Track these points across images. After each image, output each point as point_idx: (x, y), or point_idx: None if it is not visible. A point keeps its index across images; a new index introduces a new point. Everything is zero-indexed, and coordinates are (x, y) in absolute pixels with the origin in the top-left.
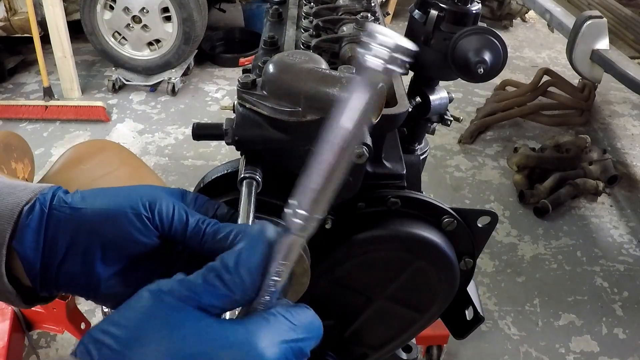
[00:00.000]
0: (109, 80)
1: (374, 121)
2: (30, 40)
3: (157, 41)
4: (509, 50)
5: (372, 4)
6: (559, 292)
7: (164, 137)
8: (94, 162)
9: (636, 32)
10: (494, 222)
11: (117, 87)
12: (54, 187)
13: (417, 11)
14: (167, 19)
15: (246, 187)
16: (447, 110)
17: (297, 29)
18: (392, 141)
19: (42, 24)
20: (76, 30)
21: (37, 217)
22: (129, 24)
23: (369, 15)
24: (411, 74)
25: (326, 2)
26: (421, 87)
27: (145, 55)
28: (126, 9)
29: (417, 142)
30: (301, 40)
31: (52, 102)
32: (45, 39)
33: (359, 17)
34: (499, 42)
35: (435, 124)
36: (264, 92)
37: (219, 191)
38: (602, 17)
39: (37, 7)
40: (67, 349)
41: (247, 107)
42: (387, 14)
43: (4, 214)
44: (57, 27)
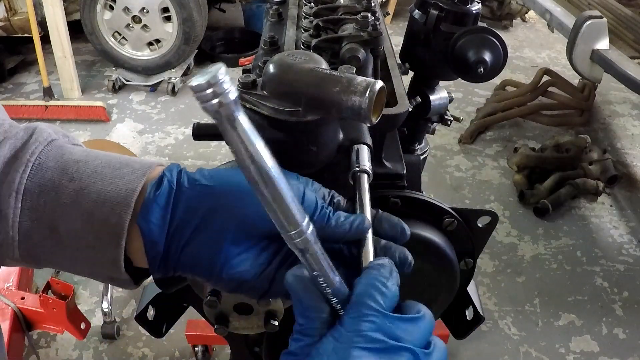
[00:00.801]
0: (109, 80)
1: (374, 121)
2: (30, 40)
3: (157, 41)
4: (509, 50)
5: (372, 4)
6: (559, 292)
7: (164, 137)
8: None
9: (636, 32)
10: (494, 222)
11: (117, 87)
12: (176, 164)
13: (417, 11)
14: (167, 19)
15: (360, 181)
16: (447, 110)
17: (297, 29)
18: (393, 141)
19: (42, 24)
20: (76, 30)
21: (165, 193)
22: (129, 24)
23: (369, 15)
24: (411, 74)
25: (326, 2)
26: (421, 87)
27: (145, 55)
28: (126, 9)
29: (417, 142)
30: (301, 40)
31: (52, 102)
32: (45, 39)
33: (359, 17)
34: (499, 42)
35: (435, 124)
36: (264, 92)
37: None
38: (602, 17)
39: (37, 7)
40: (67, 349)
41: (247, 107)
42: (387, 14)
43: (121, 193)
44: (57, 27)
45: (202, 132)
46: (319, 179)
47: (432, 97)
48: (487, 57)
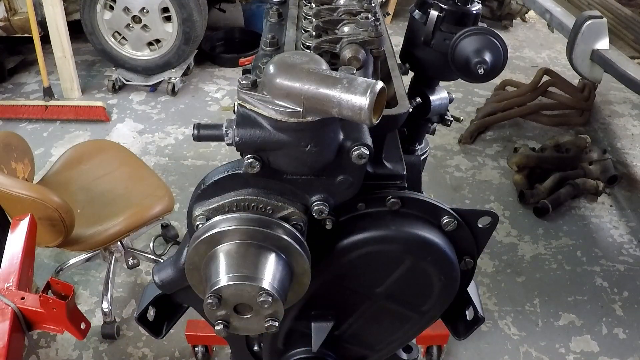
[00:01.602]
0: (109, 80)
1: (375, 122)
2: (30, 40)
3: (157, 41)
4: (509, 50)
5: (372, 4)
6: (559, 292)
7: (164, 137)
8: (94, 162)
9: (636, 32)
10: (495, 222)
11: (117, 87)
12: None
13: (417, 11)
14: (167, 19)
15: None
16: (447, 110)
17: (297, 29)
18: (393, 141)
19: (42, 24)
20: (76, 30)
21: None
22: (129, 24)
23: (369, 15)
24: (411, 74)
25: (326, 2)
26: (421, 88)
27: (145, 55)
28: (126, 9)
29: (417, 143)
30: (301, 40)
31: (52, 102)
32: (45, 39)
33: (359, 17)
34: (499, 42)
35: (435, 124)
36: (265, 93)
37: (220, 192)
38: (602, 17)
39: (37, 7)
40: (67, 349)
41: (247, 108)
42: (387, 14)
43: None
44: (57, 27)
45: (203, 133)
46: (317, 180)
47: (432, 98)
48: (488, 57)
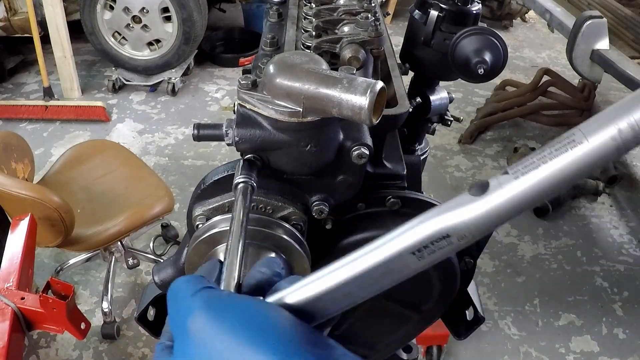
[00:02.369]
0: (109, 80)
1: (375, 122)
2: (30, 40)
3: (157, 41)
4: (509, 50)
5: (372, 4)
6: (559, 292)
7: (164, 137)
8: (94, 162)
9: (636, 32)
10: None
11: (117, 87)
12: None
13: (417, 11)
14: (167, 19)
15: (241, 192)
16: (447, 110)
17: (297, 29)
18: (393, 141)
19: (42, 24)
20: (76, 30)
21: None
22: (129, 24)
23: (369, 15)
24: (411, 74)
25: (326, 2)
26: (421, 88)
27: (145, 55)
28: (126, 9)
29: (417, 143)
30: (301, 40)
31: (52, 102)
32: (45, 39)
33: (359, 17)
34: (499, 42)
35: (435, 124)
36: (265, 92)
37: (220, 192)
38: (602, 17)
39: (37, 7)
40: (67, 349)
41: (247, 107)
42: (387, 14)
43: None
44: (57, 27)
45: (203, 133)
46: (317, 180)
47: (432, 98)
48: (488, 57)
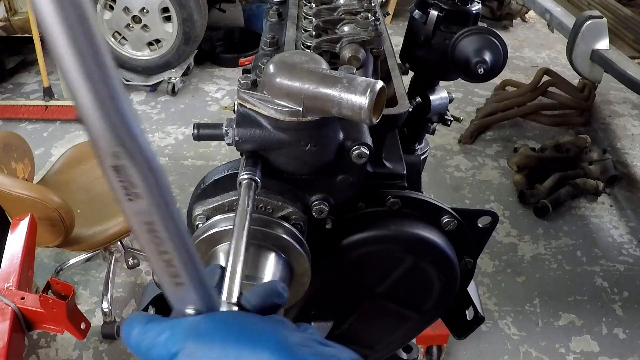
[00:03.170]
0: None
1: (375, 121)
2: (30, 40)
3: (157, 41)
4: (509, 50)
5: (372, 4)
6: (559, 292)
7: (164, 137)
8: (94, 162)
9: (636, 32)
10: (495, 222)
11: None
12: None
13: (417, 11)
14: (167, 19)
15: (245, 188)
16: (447, 110)
17: (297, 29)
18: (393, 141)
19: None
20: None
21: None
22: (129, 24)
23: (369, 15)
24: (411, 74)
25: (326, 2)
26: (421, 87)
27: (145, 55)
28: (126, 9)
29: (417, 142)
30: (301, 40)
31: (52, 102)
32: (45, 39)
33: (359, 17)
34: (499, 42)
35: (435, 124)
36: (265, 92)
37: (220, 192)
38: (602, 17)
39: None
40: (67, 349)
41: (247, 107)
42: (387, 14)
43: None
44: None
45: (203, 133)
46: (317, 179)
47: (432, 97)
48: (487, 57)
